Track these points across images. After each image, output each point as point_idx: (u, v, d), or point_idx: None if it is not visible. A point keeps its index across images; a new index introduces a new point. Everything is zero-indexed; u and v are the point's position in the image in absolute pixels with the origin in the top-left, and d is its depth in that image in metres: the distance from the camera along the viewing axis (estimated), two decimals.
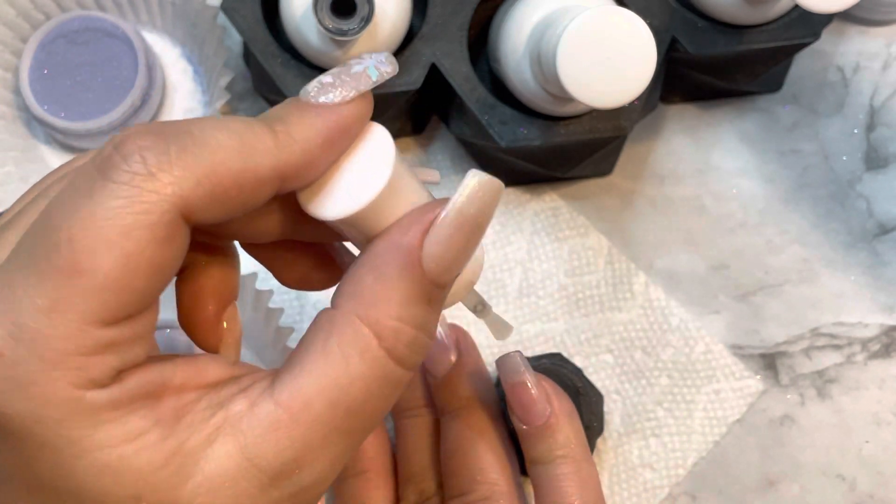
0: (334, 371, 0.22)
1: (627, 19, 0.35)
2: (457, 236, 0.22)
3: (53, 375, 0.20)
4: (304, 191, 0.24)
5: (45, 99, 0.45)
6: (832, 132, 0.48)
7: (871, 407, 0.45)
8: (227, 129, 0.22)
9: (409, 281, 0.22)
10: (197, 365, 0.23)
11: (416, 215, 0.23)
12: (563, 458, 0.36)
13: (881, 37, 0.49)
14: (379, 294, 0.22)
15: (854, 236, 0.47)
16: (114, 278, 0.20)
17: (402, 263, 0.22)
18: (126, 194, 0.20)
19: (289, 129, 0.22)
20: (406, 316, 0.22)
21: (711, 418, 0.45)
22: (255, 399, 0.22)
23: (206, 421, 0.21)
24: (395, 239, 0.23)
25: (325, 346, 0.22)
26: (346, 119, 0.23)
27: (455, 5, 0.42)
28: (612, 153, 0.46)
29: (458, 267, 0.23)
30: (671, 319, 0.46)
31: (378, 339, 0.22)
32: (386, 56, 0.24)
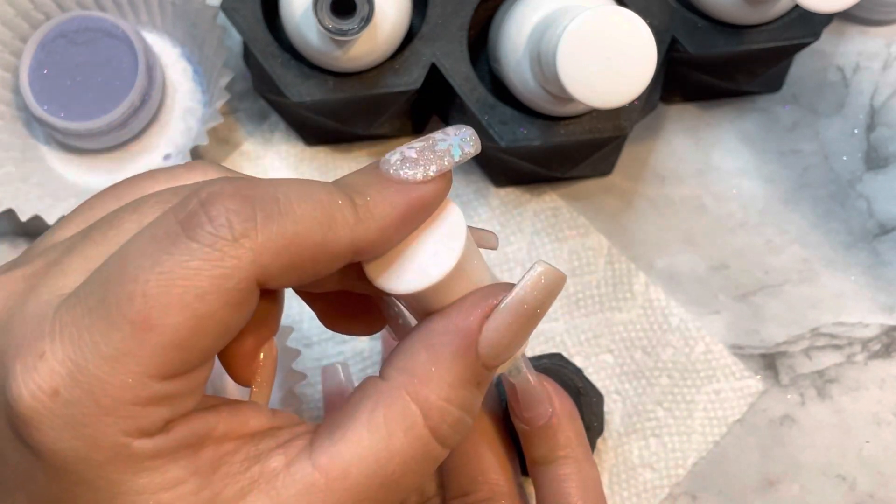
0: (377, 444, 0.22)
1: (627, 19, 0.35)
2: (515, 324, 0.23)
3: (105, 421, 0.20)
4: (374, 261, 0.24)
5: (44, 99, 0.45)
6: (832, 132, 0.48)
7: (872, 407, 0.45)
8: (313, 199, 0.22)
9: (463, 364, 0.22)
10: (240, 415, 0.23)
11: (477, 299, 0.23)
12: (564, 458, 0.36)
13: (881, 37, 0.49)
14: (432, 374, 0.22)
15: (854, 236, 0.47)
16: (182, 338, 0.20)
17: (459, 346, 0.22)
18: (207, 257, 0.20)
19: (368, 205, 0.22)
20: (455, 398, 0.22)
21: (711, 418, 0.45)
22: (293, 458, 0.22)
23: (243, 473, 0.22)
24: (455, 321, 0.23)
25: (371, 418, 0.22)
26: (426, 198, 0.23)
27: (455, 5, 0.42)
28: (612, 153, 0.46)
29: (512, 352, 0.23)
30: (671, 319, 0.46)
31: (425, 417, 0.22)
32: (471, 135, 0.24)
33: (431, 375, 0.22)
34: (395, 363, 0.23)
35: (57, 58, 0.45)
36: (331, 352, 0.45)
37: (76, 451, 0.20)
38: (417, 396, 0.22)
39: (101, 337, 0.20)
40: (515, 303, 0.23)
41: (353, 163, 0.47)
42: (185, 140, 0.47)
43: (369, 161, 0.47)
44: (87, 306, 0.20)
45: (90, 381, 0.20)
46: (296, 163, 0.47)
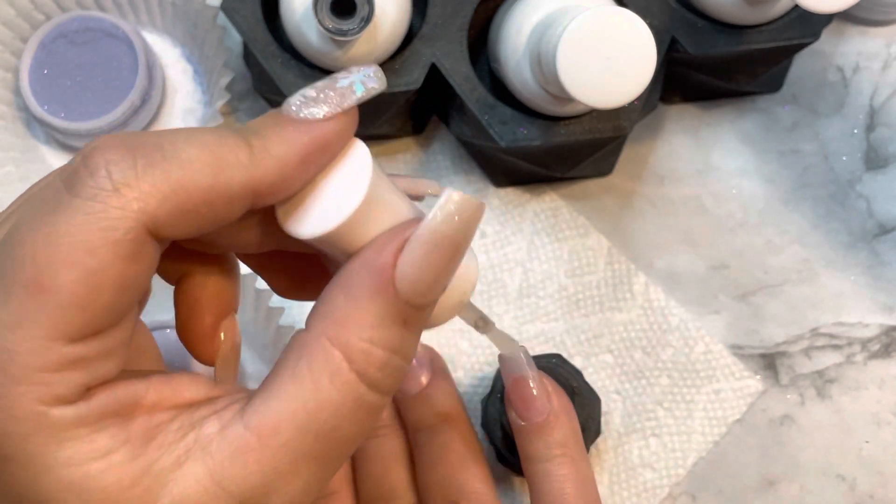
0: (303, 395, 0.21)
1: (627, 19, 0.35)
2: (433, 257, 0.21)
3: (18, 391, 0.20)
4: (282, 206, 0.23)
5: (44, 99, 0.45)
6: (832, 132, 0.48)
7: (871, 407, 0.45)
8: (199, 142, 0.21)
9: (381, 302, 0.21)
10: (172, 383, 0.22)
11: (390, 234, 0.22)
12: (561, 457, 0.36)
13: (881, 37, 0.49)
14: (350, 315, 0.21)
15: (854, 236, 0.47)
16: (78, 295, 0.20)
17: (374, 284, 0.21)
18: (90, 210, 0.20)
19: (265, 144, 0.22)
20: (378, 338, 0.21)
21: (711, 418, 0.45)
22: (227, 422, 0.21)
23: (178, 442, 0.21)
24: (368, 258, 0.22)
25: (295, 370, 0.21)
26: (327, 136, 0.22)
27: (455, 5, 0.42)
28: (612, 153, 0.46)
29: (437, 289, 0.22)
30: (671, 319, 0.46)
31: (349, 362, 0.21)
32: (374, 70, 0.23)
33: (350, 318, 0.21)
34: (315, 311, 0.22)
35: (57, 58, 0.45)
36: None
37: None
38: (338, 340, 0.21)
39: None
40: (427, 233, 0.21)
41: None
42: None
43: None
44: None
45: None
46: None
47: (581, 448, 0.37)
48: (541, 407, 0.36)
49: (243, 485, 0.21)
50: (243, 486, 0.21)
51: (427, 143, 0.48)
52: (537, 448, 0.36)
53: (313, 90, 0.23)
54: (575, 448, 0.37)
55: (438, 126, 0.48)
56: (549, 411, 0.36)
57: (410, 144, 0.48)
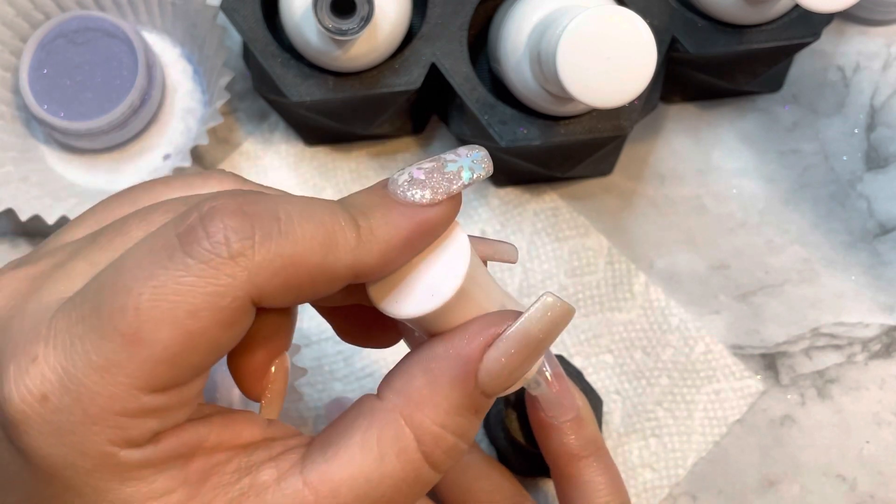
0: (368, 465, 0.22)
1: (627, 19, 0.35)
2: (518, 355, 0.22)
3: (93, 429, 0.20)
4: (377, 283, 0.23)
5: (44, 99, 0.45)
6: (832, 132, 0.48)
7: (872, 407, 0.45)
8: (315, 220, 0.21)
9: (461, 391, 0.22)
10: (233, 426, 0.23)
11: (481, 326, 0.23)
12: (595, 452, 0.37)
13: (881, 37, 0.49)
14: (428, 399, 0.22)
15: (854, 236, 0.47)
16: (172, 353, 0.20)
17: (458, 373, 0.22)
18: (202, 274, 0.20)
19: (372, 227, 0.22)
20: (450, 424, 0.22)
21: (711, 418, 0.45)
22: (284, 472, 0.22)
23: (233, 484, 0.21)
24: (456, 346, 0.22)
25: (364, 438, 0.22)
26: (432, 221, 0.22)
27: (455, 5, 0.42)
28: (612, 153, 0.46)
29: (513, 382, 0.23)
30: (671, 319, 0.46)
31: (419, 442, 0.22)
32: (483, 156, 0.23)
33: (428, 400, 0.22)
34: (392, 384, 0.23)
35: (57, 58, 0.45)
36: (329, 350, 0.45)
37: (63, 458, 0.20)
38: (412, 421, 0.22)
39: (91, 346, 0.20)
40: (519, 334, 0.22)
41: (353, 162, 0.47)
42: (185, 140, 0.47)
43: (369, 161, 0.47)
44: (82, 314, 0.20)
45: (79, 390, 0.20)
46: (295, 163, 0.47)
47: (605, 444, 0.38)
48: (572, 404, 0.37)
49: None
50: None
51: (427, 143, 0.48)
52: (572, 446, 0.37)
53: (422, 172, 0.23)
54: (603, 444, 0.37)
55: (438, 126, 0.48)
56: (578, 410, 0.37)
57: (410, 144, 0.48)
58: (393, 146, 0.48)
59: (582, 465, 0.37)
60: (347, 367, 0.45)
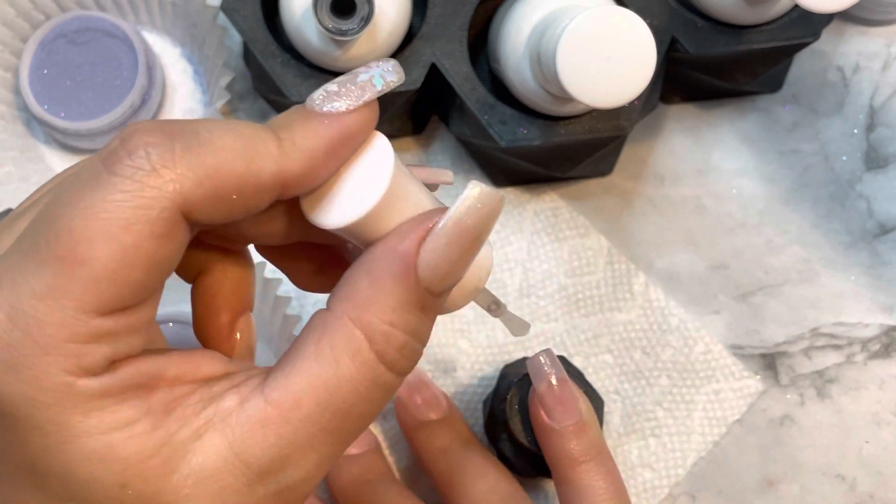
0: (325, 372, 0.22)
1: (627, 19, 0.35)
2: (454, 246, 0.23)
3: (46, 360, 0.20)
4: (307, 198, 0.24)
5: (44, 99, 0.45)
6: (832, 132, 0.48)
7: (871, 407, 0.45)
8: (234, 132, 0.22)
9: (403, 287, 0.22)
10: (192, 359, 0.23)
11: (413, 223, 0.23)
12: (598, 456, 0.37)
13: (881, 37, 0.49)
14: (372, 298, 0.22)
15: (854, 236, 0.47)
16: (111, 270, 0.20)
17: (398, 269, 0.22)
18: (128, 188, 0.20)
19: (293, 137, 0.23)
20: (398, 321, 0.22)
21: (711, 418, 0.45)
22: (246, 395, 0.22)
23: (197, 415, 0.22)
24: (392, 245, 0.23)
25: (317, 348, 0.22)
26: (350, 128, 0.23)
27: (455, 5, 0.42)
28: (612, 153, 0.46)
29: (455, 276, 0.23)
30: (671, 320, 0.46)
31: (370, 342, 0.22)
32: (393, 65, 0.24)
33: (372, 300, 0.22)
34: (338, 293, 0.23)
35: (57, 58, 0.45)
36: None
37: (22, 394, 0.20)
38: (360, 321, 0.22)
39: (32, 277, 0.20)
40: (451, 223, 0.22)
41: None
42: None
43: None
44: (21, 251, 0.21)
45: (26, 321, 0.20)
46: None
47: (607, 448, 0.38)
48: (575, 408, 0.37)
49: (262, 456, 0.22)
50: (262, 458, 0.22)
51: (427, 143, 0.48)
52: (573, 450, 0.37)
53: (335, 85, 0.23)
54: (605, 448, 0.38)
55: (438, 126, 0.48)
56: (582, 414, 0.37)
57: (410, 144, 0.48)
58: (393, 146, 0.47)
59: (582, 469, 0.37)
60: None
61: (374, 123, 0.24)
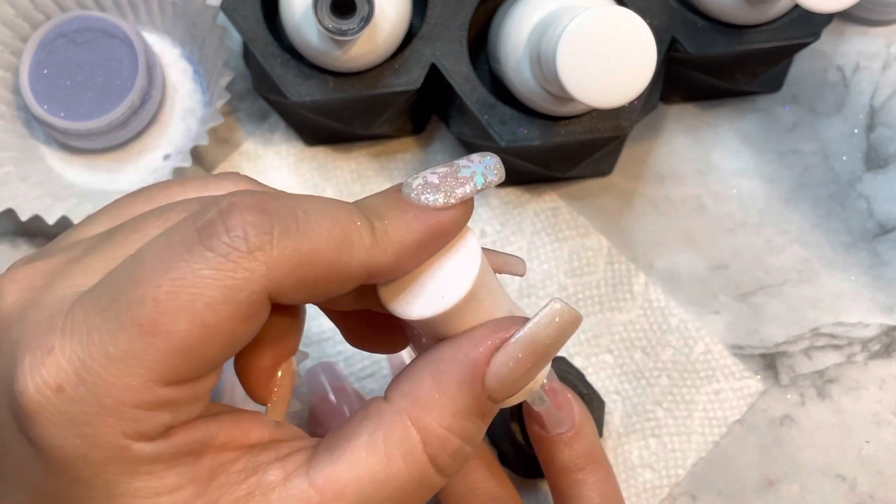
0: (374, 466, 0.22)
1: (627, 19, 0.35)
2: (525, 360, 0.22)
3: (107, 421, 0.20)
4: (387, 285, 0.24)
5: (44, 99, 0.45)
6: (832, 132, 0.48)
7: (872, 407, 0.45)
8: (331, 218, 0.22)
9: (468, 395, 0.22)
10: (241, 424, 0.23)
11: (489, 331, 0.23)
12: (588, 466, 0.37)
13: (881, 37, 0.49)
14: (436, 401, 0.22)
15: (854, 236, 0.47)
16: (188, 345, 0.20)
17: (466, 377, 0.22)
18: (221, 267, 0.20)
19: (386, 228, 0.22)
20: (457, 427, 0.22)
21: (711, 418, 0.45)
22: (291, 473, 0.22)
23: (240, 484, 0.21)
24: (464, 350, 0.23)
25: (371, 439, 0.22)
26: (445, 225, 0.23)
27: (455, 5, 0.42)
28: (612, 153, 0.46)
29: (520, 388, 0.23)
30: (671, 320, 0.46)
31: (425, 444, 0.22)
32: (495, 163, 0.24)
33: (435, 403, 0.22)
34: (399, 387, 0.23)
35: (57, 58, 0.45)
36: (330, 351, 0.45)
37: (76, 449, 0.20)
38: (419, 423, 0.22)
39: (108, 337, 0.20)
40: (527, 339, 0.22)
41: (353, 163, 0.47)
42: (185, 140, 0.47)
43: (369, 161, 0.47)
44: (99, 305, 0.21)
45: (95, 381, 0.20)
46: (296, 163, 0.47)
47: (603, 454, 0.38)
48: (567, 419, 0.37)
49: None
50: None
51: (427, 143, 0.48)
52: (564, 459, 0.37)
53: (436, 177, 0.23)
54: (600, 456, 0.37)
55: (438, 126, 0.48)
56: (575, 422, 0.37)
57: (410, 144, 0.48)
58: (393, 146, 0.48)
59: (572, 478, 0.37)
60: (348, 368, 0.45)
61: (468, 220, 0.24)
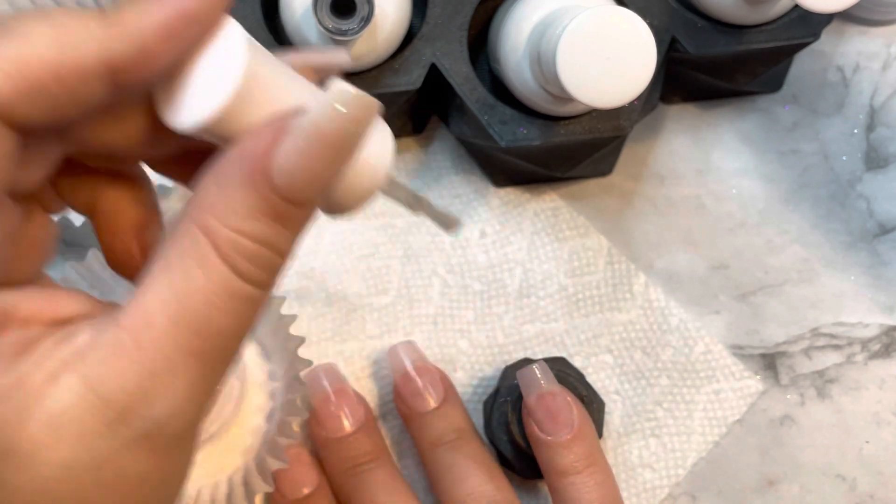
0: (176, 284, 0.20)
1: (627, 19, 0.35)
2: (314, 153, 0.20)
3: None
4: (160, 96, 0.21)
5: None
6: (832, 132, 0.48)
7: (871, 407, 0.45)
8: (49, 19, 0.20)
9: (252, 192, 0.20)
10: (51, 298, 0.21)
11: (267, 122, 0.20)
12: (587, 468, 0.36)
13: (881, 37, 0.49)
14: (218, 203, 0.20)
15: (854, 236, 0.47)
16: None
17: (246, 173, 0.20)
18: None
19: (121, 17, 0.20)
20: (248, 229, 0.20)
21: (711, 418, 0.45)
22: (99, 327, 0.20)
23: (51, 356, 0.19)
24: (243, 146, 0.20)
25: (164, 258, 0.20)
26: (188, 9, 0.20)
27: (455, 5, 0.42)
28: (612, 153, 0.46)
29: (318, 187, 0.20)
30: (671, 320, 0.46)
31: (216, 249, 0.20)
32: None
33: (218, 204, 0.20)
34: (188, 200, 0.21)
35: None
36: (330, 350, 0.45)
37: None
38: (205, 228, 0.20)
39: None
40: (309, 127, 0.20)
41: None
42: None
43: None
44: None
45: None
46: None
47: (602, 457, 0.37)
48: (567, 422, 0.37)
49: (120, 390, 0.19)
50: (119, 392, 0.19)
51: (427, 143, 0.48)
52: (563, 462, 0.37)
53: None
54: (599, 457, 0.37)
55: (438, 126, 0.48)
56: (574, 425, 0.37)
57: (410, 144, 0.48)
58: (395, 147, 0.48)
59: (570, 481, 0.36)
60: (347, 367, 0.45)
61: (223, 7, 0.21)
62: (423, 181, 0.47)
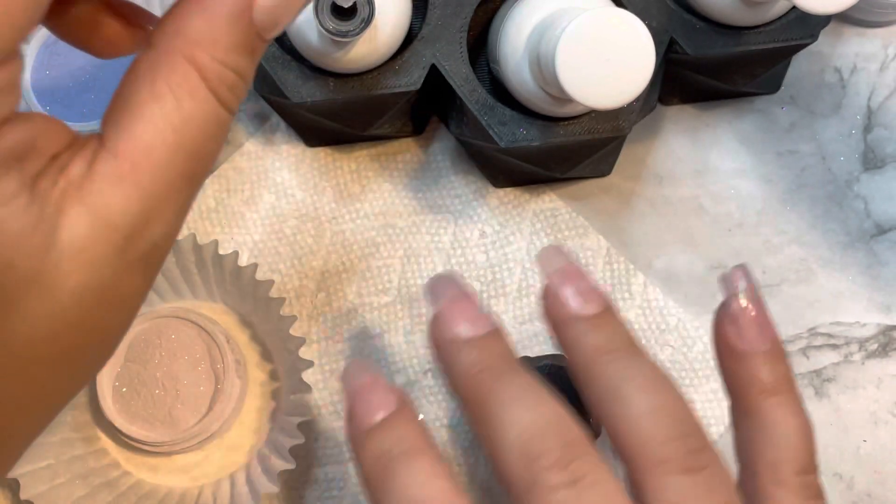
0: (170, 113, 0.21)
1: (626, 21, 0.35)
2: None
3: None
4: None
5: (47, 100, 0.45)
6: (830, 133, 0.48)
7: (869, 406, 0.45)
8: None
9: (238, 29, 0.21)
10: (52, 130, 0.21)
11: None
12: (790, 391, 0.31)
13: (878, 38, 0.49)
14: (208, 37, 0.21)
15: (851, 236, 0.47)
16: None
17: (234, 10, 0.21)
18: None
19: None
20: (231, 61, 0.22)
21: (710, 418, 0.45)
22: (90, 157, 0.21)
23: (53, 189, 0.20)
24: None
25: (154, 89, 0.21)
26: None
27: (455, 7, 0.42)
28: (611, 154, 0.46)
29: (285, 24, 0.22)
30: (669, 319, 0.46)
31: (204, 80, 0.21)
32: None
33: (207, 38, 0.21)
34: (166, 29, 0.22)
35: (60, 59, 0.45)
36: (331, 350, 0.45)
37: None
38: (195, 60, 0.21)
39: None
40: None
41: (354, 163, 0.48)
42: None
43: (369, 162, 0.48)
44: None
45: None
46: (296, 163, 0.48)
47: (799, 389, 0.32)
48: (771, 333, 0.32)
49: (126, 215, 0.20)
50: (126, 217, 0.20)
51: (427, 143, 0.48)
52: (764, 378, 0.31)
53: None
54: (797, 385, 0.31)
55: (438, 126, 0.48)
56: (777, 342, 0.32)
57: (410, 145, 0.48)
58: (393, 147, 0.48)
59: (773, 402, 0.31)
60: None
61: None
62: (422, 181, 0.47)
